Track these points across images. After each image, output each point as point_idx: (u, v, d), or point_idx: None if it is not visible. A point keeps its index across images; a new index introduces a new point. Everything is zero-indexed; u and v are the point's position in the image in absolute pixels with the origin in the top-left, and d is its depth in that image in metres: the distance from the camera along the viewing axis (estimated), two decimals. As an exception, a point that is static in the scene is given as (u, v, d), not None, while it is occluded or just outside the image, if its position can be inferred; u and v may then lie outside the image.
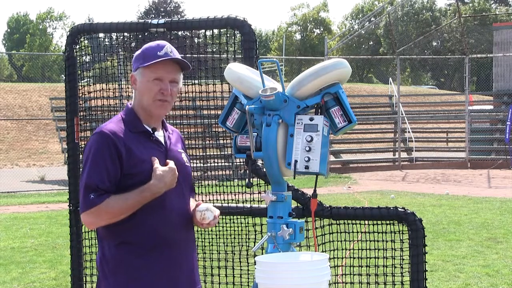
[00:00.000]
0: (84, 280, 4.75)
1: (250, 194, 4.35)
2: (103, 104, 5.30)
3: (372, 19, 28.65)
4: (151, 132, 2.95)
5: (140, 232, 2.84)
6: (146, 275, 2.84)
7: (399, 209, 3.78)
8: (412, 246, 3.75)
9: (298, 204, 3.93)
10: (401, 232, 3.91)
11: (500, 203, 12.44)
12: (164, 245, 2.88)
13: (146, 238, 2.84)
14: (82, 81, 4.90)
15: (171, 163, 2.89)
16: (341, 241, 4.17)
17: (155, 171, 2.83)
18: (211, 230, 4.80)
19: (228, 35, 4.45)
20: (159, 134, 3.00)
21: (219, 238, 4.79)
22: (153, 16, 55.64)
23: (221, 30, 4.44)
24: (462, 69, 22.87)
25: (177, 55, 2.98)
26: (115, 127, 2.90)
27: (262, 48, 66.21)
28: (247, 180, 3.01)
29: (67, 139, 4.75)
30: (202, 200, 3.73)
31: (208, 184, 5.02)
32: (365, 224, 3.98)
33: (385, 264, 4.01)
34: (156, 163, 2.86)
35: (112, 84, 5.14)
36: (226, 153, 12.07)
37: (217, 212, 2.98)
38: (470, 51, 24.66)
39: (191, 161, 3.23)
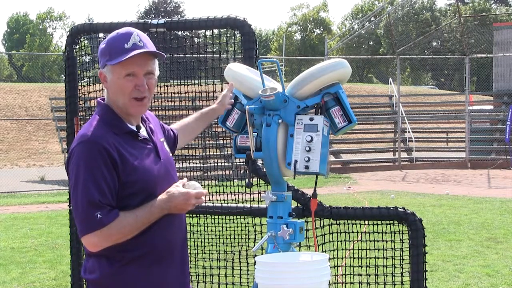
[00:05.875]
0: (84, 280, 4.74)
1: (250, 194, 4.34)
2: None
3: (372, 19, 28.64)
4: (136, 131, 2.69)
5: (150, 243, 2.61)
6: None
7: (399, 209, 3.78)
8: (412, 246, 3.75)
9: (298, 204, 3.93)
10: (401, 232, 3.91)
11: (500, 203, 12.43)
12: (172, 253, 2.69)
13: (155, 248, 2.62)
14: (82, 81, 4.90)
15: (190, 189, 2.63)
16: (341, 241, 4.17)
17: (172, 187, 2.63)
18: (211, 230, 4.80)
19: (228, 35, 4.45)
20: (142, 130, 2.73)
21: (219, 238, 4.79)
22: (153, 16, 55.62)
23: (221, 30, 4.44)
24: (462, 69, 22.85)
25: (147, 43, 2.66)
26: (100, 132, 2.58)
27: (262, 48, 66.23)
28: (247, 180, 3.00)
29: (67, 139, 4.76)
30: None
31: (208, 184, 5.02)
32: (365, 224, 3.98)
33: (385, 264, 4.01)
34: (180, 182, 2.67)
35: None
36: (226, 153, 12.15)
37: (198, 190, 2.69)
38: (470, 51, 24.65)
39: (191, 161, 3.20)
